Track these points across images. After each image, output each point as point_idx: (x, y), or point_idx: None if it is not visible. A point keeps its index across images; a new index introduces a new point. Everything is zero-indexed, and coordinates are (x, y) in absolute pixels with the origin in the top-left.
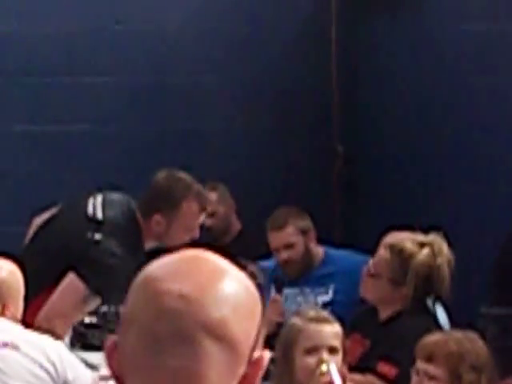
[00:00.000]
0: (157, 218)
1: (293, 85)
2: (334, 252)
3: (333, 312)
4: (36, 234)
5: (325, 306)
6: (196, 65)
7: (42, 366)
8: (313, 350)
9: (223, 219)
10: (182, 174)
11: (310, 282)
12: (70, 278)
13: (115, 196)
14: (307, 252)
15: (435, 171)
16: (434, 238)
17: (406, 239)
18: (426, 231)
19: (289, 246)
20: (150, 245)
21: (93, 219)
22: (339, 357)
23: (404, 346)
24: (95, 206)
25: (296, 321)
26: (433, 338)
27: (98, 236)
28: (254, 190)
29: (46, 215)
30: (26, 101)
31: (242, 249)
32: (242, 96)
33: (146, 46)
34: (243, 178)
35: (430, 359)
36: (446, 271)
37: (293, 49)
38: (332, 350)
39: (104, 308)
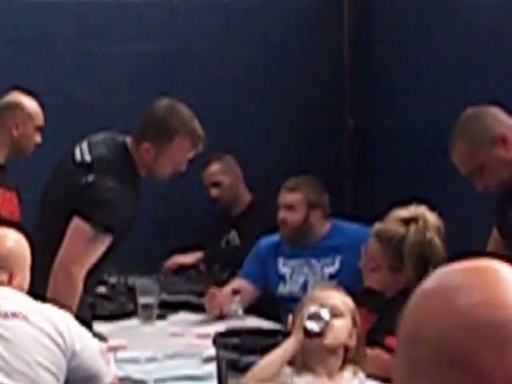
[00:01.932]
0: (146, 145)
1: (304, 58)
2: (342, 224)
3: (340, 283)
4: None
5: (331, 277)
6: (208, 37)
7: (50, 337)
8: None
9: (229, 189)
10: (182, 108)
11: (316, 253)
12: (74, 223)
13: (99, 136)
14: (306, 223)
15: (447, 143)
16: (416, 210)
17: (390, 223)
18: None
19: (289, 208)
20: (142, 173)
21: (82, 164)
22: (344, 322)
23: None
24: (82, 151)
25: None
26: None
27: (90, 177)
28: (265, 162)
29: None
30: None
31: (252, 221)
32: (252, 69)
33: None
34: (254, 151)
35: None
36: (437, 242)
37: (304, 21)
38: (335, 312)
39: (113, 279)
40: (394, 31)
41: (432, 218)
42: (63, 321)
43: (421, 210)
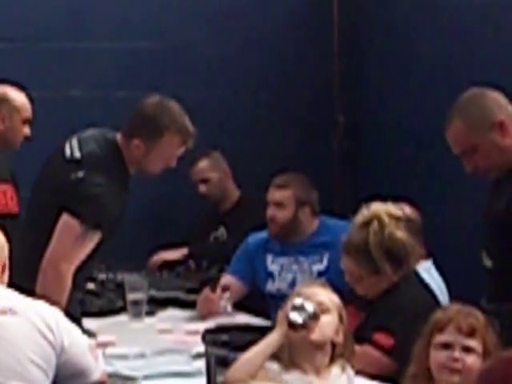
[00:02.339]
0: (136, 142)
1: (294, 55)
2: (330, 221)
3: (328, 281)
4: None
5: (320, 274)
6: (197, 32)
7: (41, 332)
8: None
9: (218, 186)
10: (173, 104)
11: (304, 250)
12: (63, 219)
13: (89, 132)
14: (294, 221)
15: (436, 138)
16: (369, 211)
17: (351, 233)
18: (426, 201)
19: (278, 205)
20: (132, 170)
21: (72, 160)
22: (330, 318)
23: (399, 315)
24: (72, 147)
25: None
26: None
27: (80, 174)
28: (255, 159)
29: None
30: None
31: (240, 217)
32: (243, 65)
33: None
34: (243, 148)
35: (471, 334)
36: (398, 235)
37: (293, 18)
38: (321, 307)
39: (102, 275)
40: (385, 29)
41: (388, 212)
42: (52, 316)
43: (374, 208)
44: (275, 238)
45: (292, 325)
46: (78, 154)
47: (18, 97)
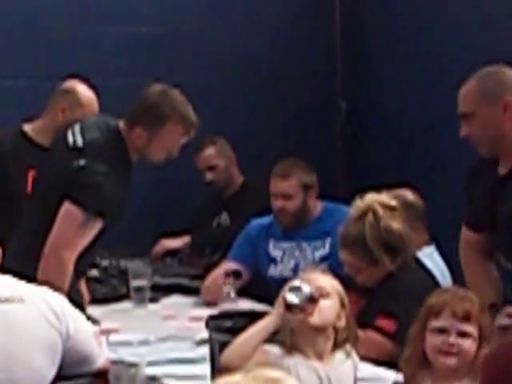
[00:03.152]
0: (139, 130)
1: (296, 41)
2: (332, 206)
3: (330, 267)
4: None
5: (322, 260)
6: (200, 18)
7: (47, 319)
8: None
9: (224, 173)
10: (176, 94)
11: (307, 236)
12: (65, 207)
13: (92, 119)
14: (304, 207)
15: (438, 125)
16: (364, 203)
17: (347, 226)
18: (429, 186)
19: (287, 197)
20: (134, 157)
21: (74, 148)
22: (331, 302)
23: (401, 300)
24: (74, 135)
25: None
26: (455, 296)
27: (82, 162)
28: (258, 144)
29: None
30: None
31: (243, 203)
32: (245, 51)
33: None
34: (246, 132)
35: (467, 318)
36: (394, 227)
37: (296, 3)
38: (321, 292)
39: (106, 262)
40: (387, 13)
41: (382, 203)
42: (58, 303)
43: (368, 200)
44: (287, 229)
45: (288, 306)
46: (80, 142)
47: (85, 92)
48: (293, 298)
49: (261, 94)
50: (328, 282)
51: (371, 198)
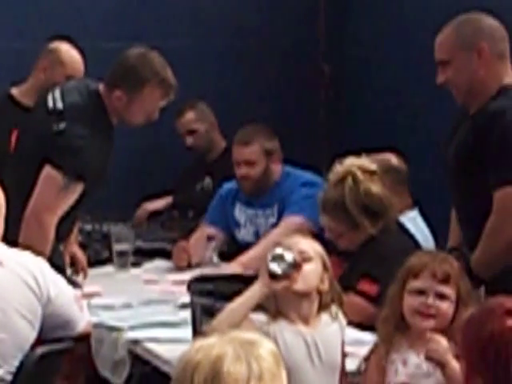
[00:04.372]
0: (118, 93)
1: (281, 4)
2: (291, 171)
3: None
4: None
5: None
6: None
7: (27, 283)
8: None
9: (204, 137)
10: (155, 56)
11: (263, 204)
12: (46, 170)
13: (72, 83)
14: (266, 173)
15: (423, 88)
16: (343, 167)
17: (327, 191)
18: (412, 150)
19: (249, 163)
20: (114, 121)
21: (54, 111)
22: (313, 266)
23: (382, 263)
24: (54, 98)
25: None
26: (435, 257)
27: (62, 125)
28: (241, 108)
29: None
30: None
31: (226, 167)
32: (229, 13)
33: None
34: (229, 96)
35: (446, 281)
36: (374, 190)
37: None
38: (303, 256)
39: (88, 226)
40: None
41: (362, 167)
42: (38, 267)
43: (347, 164)
44: (250, 195)
45: (272, 275)
46: (60, 105)
47: (67, 51)
48: (276, 268)
49: (244, 58)
50: (309, 245)
51: (350, 162)
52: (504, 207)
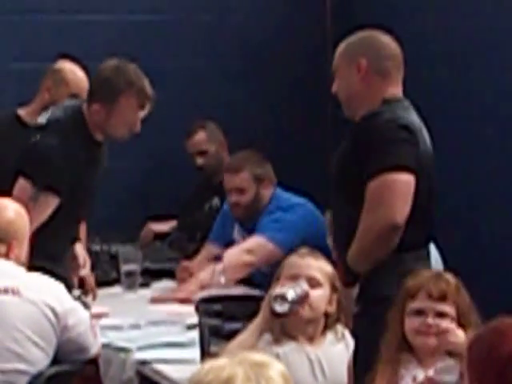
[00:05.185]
0: (96, 107)
1: (286, 22)
2: (277, 197)
3: None
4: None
5: None
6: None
7: (42, 312)
8: (293, 278)
9: (214, 157)
10: (130, 68)
11: (254, 228)
12: (18, 182)
13: (66, 102)
14: (256, 198)
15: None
16: None
17: None
18: None
19: (240, 191)
20: (98, 136)
21: (39, 127)
22: (321, 291)
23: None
24: (42, 116)
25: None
26: (430, 277)
27: (37, 137)
28: (247, 129)
29: None
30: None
31: None
32: (236, 36)
33: None
34: (235, 117)
35: (443, 299)
36: None
37: None
38: (312, 282)
39: (96, 247)
40: None
41: None
42: (56, 296)
43: None
44: (241, 221)
45: (275, 314)
46: (43, 121)
47: (71, 70)
48: (278, 308)
49: (252, 76)
50: (318, 268)
51: None
52: (373, 195)
